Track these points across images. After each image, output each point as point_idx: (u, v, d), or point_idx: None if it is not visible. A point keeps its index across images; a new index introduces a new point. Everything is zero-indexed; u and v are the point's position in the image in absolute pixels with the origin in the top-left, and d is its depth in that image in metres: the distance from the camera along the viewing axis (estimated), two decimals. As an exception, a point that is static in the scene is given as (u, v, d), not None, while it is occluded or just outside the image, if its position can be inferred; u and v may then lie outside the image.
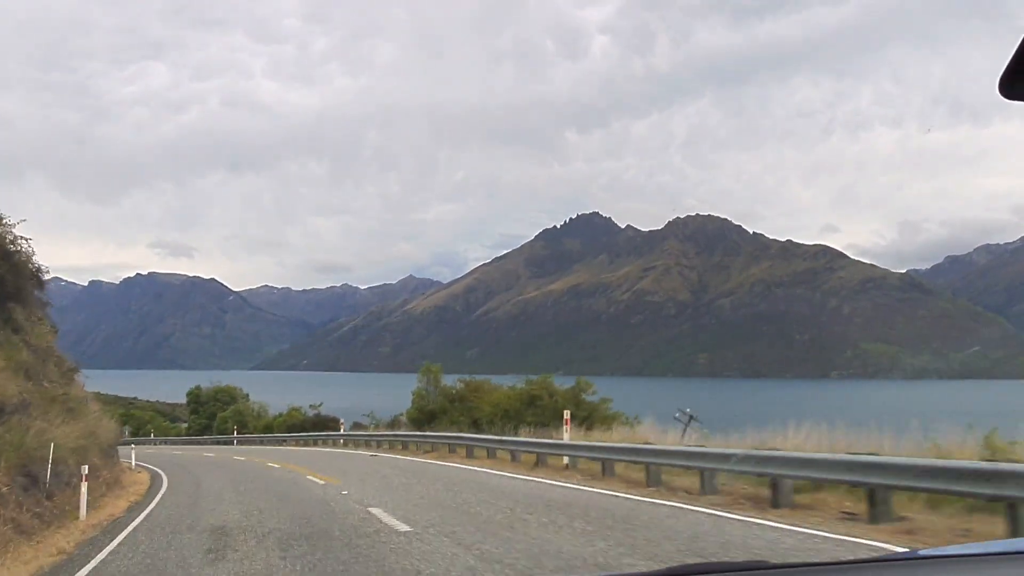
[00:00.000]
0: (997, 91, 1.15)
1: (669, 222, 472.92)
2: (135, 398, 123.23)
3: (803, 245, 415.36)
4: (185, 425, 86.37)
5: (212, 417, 74.58)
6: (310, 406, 60.74)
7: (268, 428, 61.77)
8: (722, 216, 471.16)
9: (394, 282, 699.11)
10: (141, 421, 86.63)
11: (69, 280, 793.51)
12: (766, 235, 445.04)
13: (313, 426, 53.07)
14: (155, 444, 62.56)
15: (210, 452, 42.46)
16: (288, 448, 43.61)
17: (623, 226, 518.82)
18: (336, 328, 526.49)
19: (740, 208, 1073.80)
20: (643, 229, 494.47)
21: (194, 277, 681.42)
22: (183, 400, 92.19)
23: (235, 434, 61.38)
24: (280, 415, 64.12)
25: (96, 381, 65.29)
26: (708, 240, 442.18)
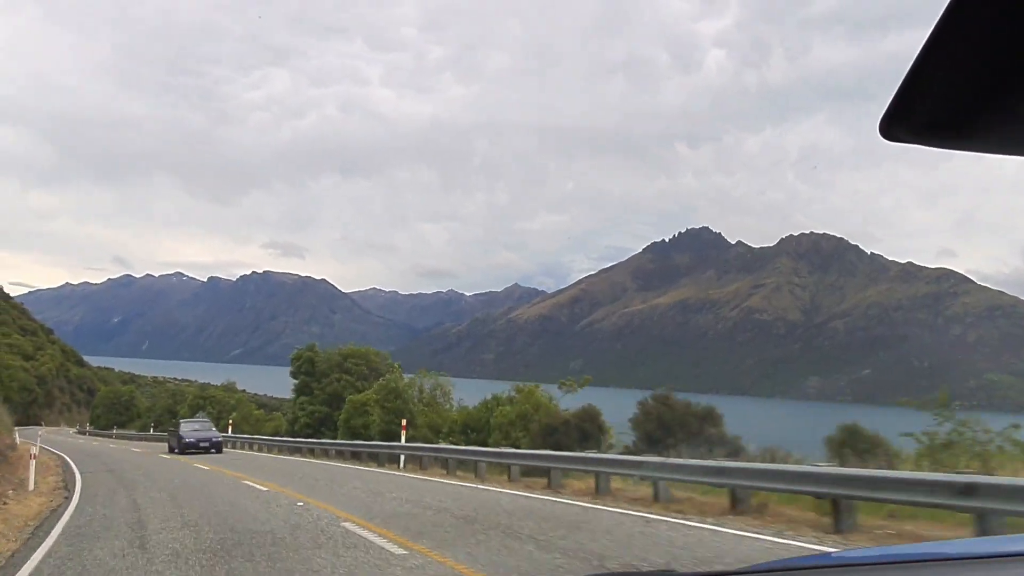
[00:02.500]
0: (878, 133, 1.20)
1: (782, 239, 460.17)
2: (243, 390, 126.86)
3: (925, 268, 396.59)
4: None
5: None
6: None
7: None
8: (838, 235, 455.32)
9: (499, 290, 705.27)
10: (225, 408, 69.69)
11: (190, 275, 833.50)
12: (884, 256, 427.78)
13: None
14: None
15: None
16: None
17: (733, 242, 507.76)
18: (441, 333, 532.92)
19: (854, 228, 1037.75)
20: (754, 245, 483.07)
21: (306, 277, 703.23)
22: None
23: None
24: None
25: (210, 372, 67.89)
26: (822, 259, 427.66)
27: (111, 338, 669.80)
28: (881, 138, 1.21)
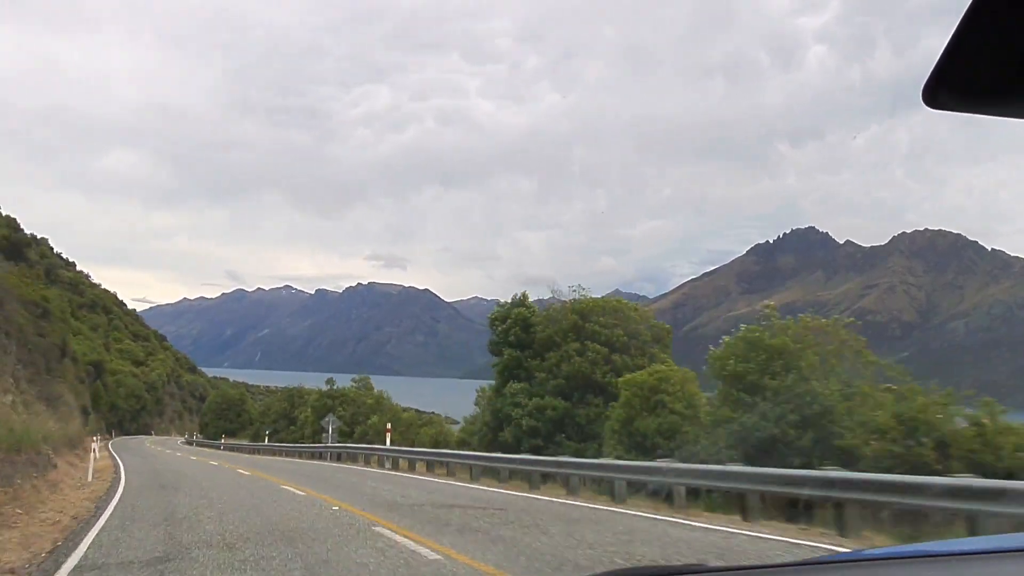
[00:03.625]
0: (921, 101, 1.18)
1: (893, 237, 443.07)
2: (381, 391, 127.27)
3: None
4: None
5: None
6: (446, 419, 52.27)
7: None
8: (955, 231, 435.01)
9: (599, 296, 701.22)
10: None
11: (298, 288, 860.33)
12: (1007, 252, 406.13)
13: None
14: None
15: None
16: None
17: (842, 241, 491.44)
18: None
19: (971, 224, 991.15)
20: (864, 245, 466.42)
21: (409, 287, 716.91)
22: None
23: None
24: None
25: (321, 383, 66.85)
26: (938, 257, 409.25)
27: (225, 350, 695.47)
28: (925, 106, 1.18)
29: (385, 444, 34.86)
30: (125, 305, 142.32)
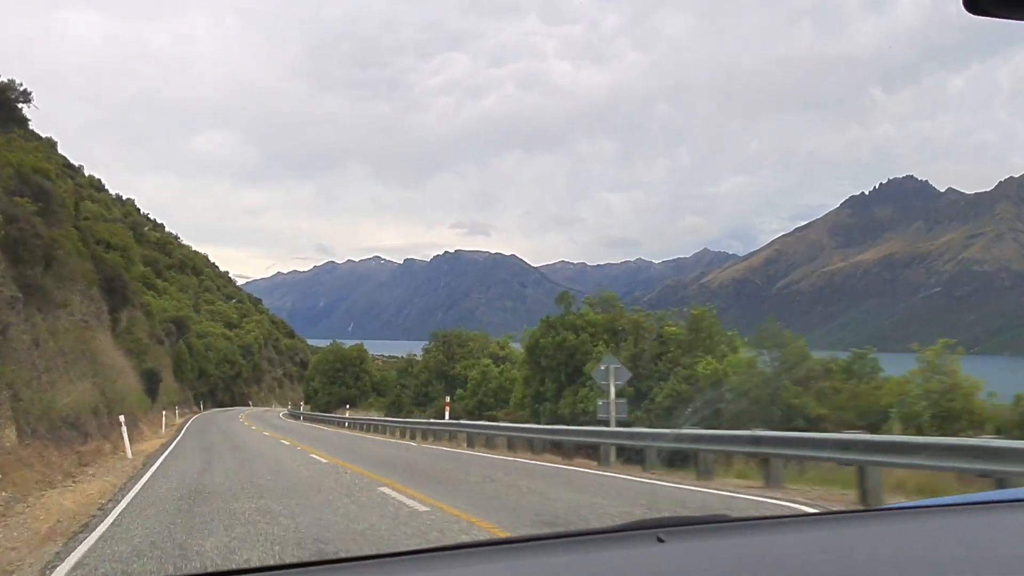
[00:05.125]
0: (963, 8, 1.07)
1: (1000, 182, 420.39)
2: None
3: None
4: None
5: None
6: None
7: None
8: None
9: (688, 256, 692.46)
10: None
11: (387, 259, 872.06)
12: None
13: None
14: None
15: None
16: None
17: (942, 189, 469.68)
18: (632, 302, 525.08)
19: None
20: (967, 192, 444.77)
21: (495, 254, 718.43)
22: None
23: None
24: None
25: (416, 350, 63.92)
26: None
27: (318, 322, 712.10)
28: (964, 11, 1.10)
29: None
30: (217, 267, 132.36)
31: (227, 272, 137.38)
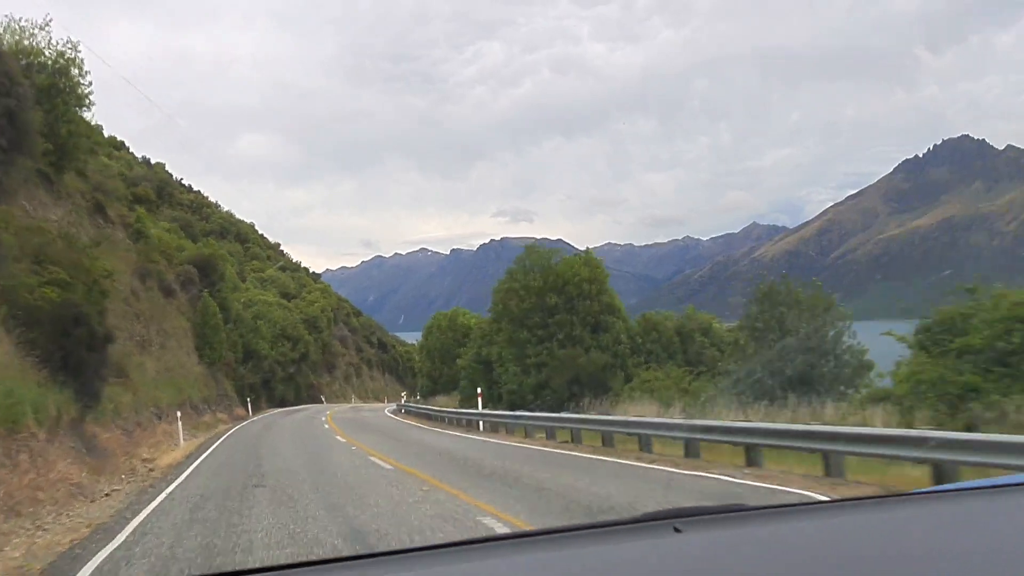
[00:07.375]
0: None
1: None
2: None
3: None
4: None
5: None
6: None
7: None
8: None
9: (736, 231, 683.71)
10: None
11: (434, 250, 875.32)
12: None
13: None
14: None
15: None
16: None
17: (1001, 148, 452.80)
18: (682, 281, 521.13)
19: None
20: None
21: (542, 239, 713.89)
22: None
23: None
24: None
25: None
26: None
27: (370, 316, 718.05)
28: None
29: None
30: (266, 238, 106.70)
31: (278, 244, 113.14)
